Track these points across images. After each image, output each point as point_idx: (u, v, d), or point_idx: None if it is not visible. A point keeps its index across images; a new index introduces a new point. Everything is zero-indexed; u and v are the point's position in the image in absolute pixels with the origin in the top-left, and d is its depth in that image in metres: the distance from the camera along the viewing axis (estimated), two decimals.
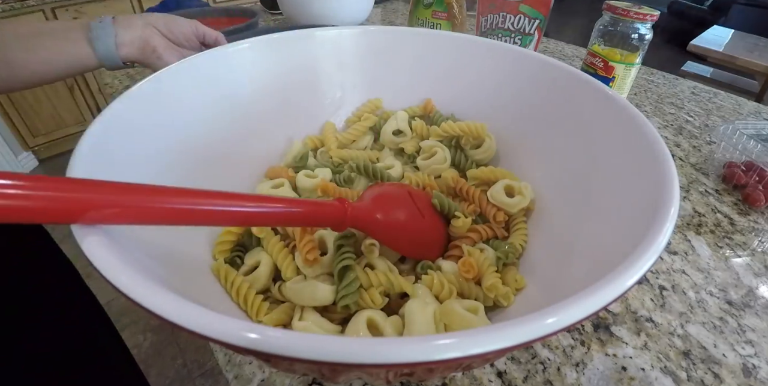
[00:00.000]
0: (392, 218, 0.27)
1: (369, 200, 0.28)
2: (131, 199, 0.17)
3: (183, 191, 0.18)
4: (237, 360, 0.27)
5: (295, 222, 0.24)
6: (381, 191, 0.29)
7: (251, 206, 0.20)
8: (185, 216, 0.18)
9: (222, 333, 0.13)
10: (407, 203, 0.29)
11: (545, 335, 0.13)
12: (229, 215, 0.20)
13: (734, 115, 0.61)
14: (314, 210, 0.23)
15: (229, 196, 0.20)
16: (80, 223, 0.16)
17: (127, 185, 0.17)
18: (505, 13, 0.54)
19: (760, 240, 0.39)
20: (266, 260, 0.28)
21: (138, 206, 0.17)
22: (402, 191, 0.30)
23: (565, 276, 0.24)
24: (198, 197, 0.19)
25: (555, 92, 0.32)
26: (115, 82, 0.67)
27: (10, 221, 0.14)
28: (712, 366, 0.28)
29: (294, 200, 0.23)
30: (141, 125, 0.26)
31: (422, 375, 0.22)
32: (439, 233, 0.31)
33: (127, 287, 0.14)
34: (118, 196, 0.17)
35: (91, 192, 0.16)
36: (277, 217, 0.22)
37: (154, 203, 0.17)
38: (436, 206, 0.30)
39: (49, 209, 0.15)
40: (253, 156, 0.36)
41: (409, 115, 0.40)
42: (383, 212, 0.27)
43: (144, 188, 0.17)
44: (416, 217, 0.29)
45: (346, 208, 0.24)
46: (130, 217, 0.17)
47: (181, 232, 0.26)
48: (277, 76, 0.36)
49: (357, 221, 0.25)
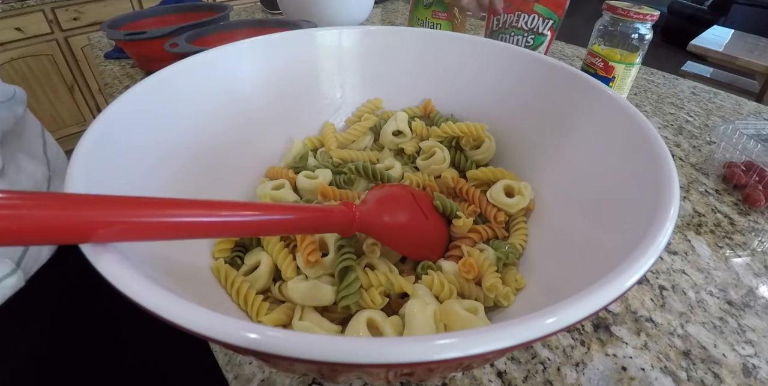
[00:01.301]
0: (398, 221, 0.27)
1: (374, 203, 0.27)
2: (136, 214, 0.16)
3: (191, 203, 0.17)
4: (237, 360, 0.27)
5: (306, 230, 0.24)
6: (385, 194, 0.29)
7: (263, 214, 0.20)
8: (195, 230, 0.18)
9: (222, 333, 0.13)
10: (411, 205, 0.29)
11: (545, 335, 0.13)
12: (239, 225, 0.19)
13: (734, 115, 0.61)
14: (324, 216, 0.23)
15: (240, 206, 0.19)
16: (88, 243, 0.15)
17: (131, 200, 0.16)
18: (520, 12, 0.54)
19: (760, 240, 0.39)
20: (266, 260, 0.28)
21: (145, 222, 0.16)
22: (405, 193, 0.30)
23: (565, 276, 0.24)
24: (209, 209, 0.18)
25: (555, 92, 0.32)
26: (115, 82, 0.67)
27: (12, 244, 0.13)
28: (712, 366, 0.28)
29: (304, 208, 0.23)
30: (141, 126, 0.26)
31: (422, 375, 0.22)
32: (442, 234, 0.31)
33: (127, 287, 0.14)
34: (123, 212, 0.16)
35: (92, 213, 0.15)
36: (287, 225, 0.21)
37: (161, 218, 0.16)
38: (437, 207, 0.30)
39: (53, 230, 0.14)
40: (253, 156, 0.36)
41: (409, 115, 0.40)
42: (389, 214, 0.27)
43: (149, 201, 0.16)
44: (420, 218, 0.29)
45: (354, 213, 0.24)
46: (138, 233, 0.16)
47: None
48: (277, 77, 0.36)
49: (364, 226, 0.25)
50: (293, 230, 0.25)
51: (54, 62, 1.66)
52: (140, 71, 0.70)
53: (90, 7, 1.68)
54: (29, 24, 1.55)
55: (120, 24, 0.71)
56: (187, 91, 0.30)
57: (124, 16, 0.73)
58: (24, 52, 1.57)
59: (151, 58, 0.66)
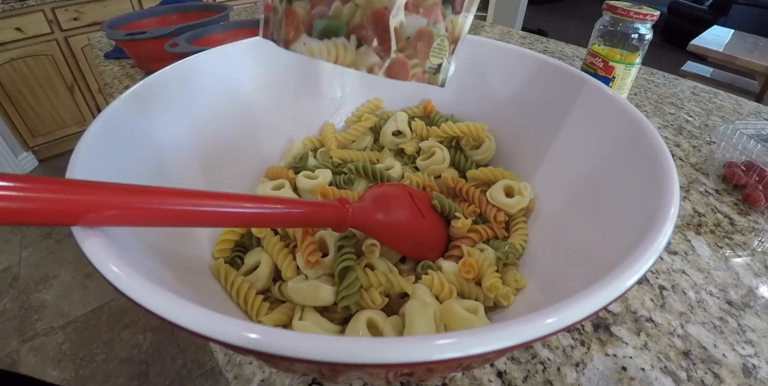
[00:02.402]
0: (393, 219, 0.27)
1: (369, 200, 0.28)
2: (131, 200, 0.17)
3: (184, 193, 0.18)
4: (237, 360, 0.27)
5: (297, 223, 0.24)
6: (381, 192, 0.29)
7: (253, 207, 0.20)
8: (187, 218, 0.18)
9: (222, 333, 0.13)
10: (408, 204, 0.29)
11: (545, 335, 0.13)
12: (230, 216, 0.20)
13: (734, 115, 0.61)
14: (315, 211, 0.23)
15: (230, 197, 0.20)
16: (81, 225, 0.16)
17: (127, 187, 0.17)
18: None
19: (760, 240, 0.39)
20: (266, 260, 0.28)
21: (138, 207, 0.17)
22: (402, 192, 0.30)
23: (565, 276, 0.24)
24: (199, 198, 0.19)
25: (555, 93, 0.32)
26: (115, 82, 0.67)
27: (11, 224, 0.14)
28: (712, 366, 0.28)
29: (295, 201, 0.23)
30: (141, 125, 0.26)
31: (422, 375, 0.22)
32: (440, 234, 0.31)
33: (127, 288, 0.14)
34: (118, 197, 0.16)
35: (92, 194, 0.16)
36: (279, 218, 0.22)
37: (154, 205, 0.17)
38: (436, 207, 0.30)
39: (50, 211, 0.15)
40: (253, 156, 0.36)
41: (409, 115, 0.40)
42: (384, 212, 0.27)
43: (144, 189, 0.17)
44: (417, 217, 0.29)
45: (347, 209, 0.24)
46: (131, 219, 0.17)
47: (181, 232, 0.26)
48: (277, 77, 0.36)
49: (358, 222, 0.25)
50: (286, 223, 0.25)
51: (54, 62, 1.66)
52: (140, 71, 0.70)
53: (90, 7, 1.67)
54: (29, 24, 1.54)
55: (120, 24, 0.71)
56: (186, 92, 0.30)
57: (124, 16, 0.73)
58: (24, 52, 1.57)
59: (151, 58, 0.66)
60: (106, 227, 0.17)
